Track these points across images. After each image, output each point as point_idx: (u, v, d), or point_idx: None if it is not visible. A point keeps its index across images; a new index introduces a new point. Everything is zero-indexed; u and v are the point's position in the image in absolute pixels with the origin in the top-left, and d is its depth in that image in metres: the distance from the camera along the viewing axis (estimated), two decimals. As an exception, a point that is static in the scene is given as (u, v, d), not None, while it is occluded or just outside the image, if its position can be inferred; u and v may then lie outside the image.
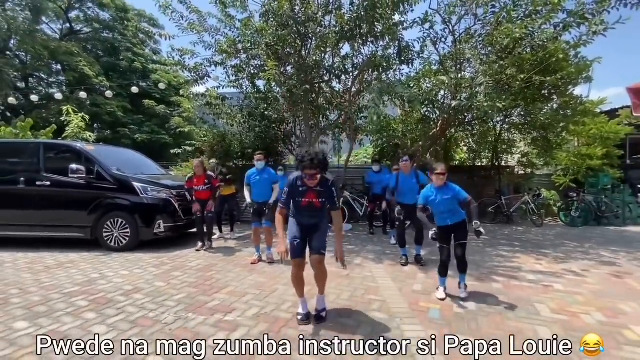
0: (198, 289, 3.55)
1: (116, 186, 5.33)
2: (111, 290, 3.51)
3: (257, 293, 3.45)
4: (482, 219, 8.75)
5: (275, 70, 6.43)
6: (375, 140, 9.79)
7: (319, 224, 2.82)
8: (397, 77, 7.71)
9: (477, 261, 4.81)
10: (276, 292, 3.51)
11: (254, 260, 4.59)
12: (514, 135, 9.69)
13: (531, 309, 3.14)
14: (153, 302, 3.20)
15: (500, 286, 3.76)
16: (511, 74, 6.24)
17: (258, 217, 4.68)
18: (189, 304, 3.16)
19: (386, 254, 5.16)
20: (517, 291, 3.60)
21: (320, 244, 2.77)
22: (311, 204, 2.73)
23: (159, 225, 5.36)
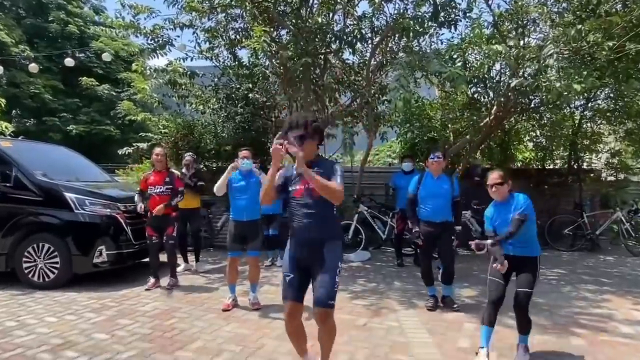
0: (154, 344, 3.55)
1: (42, 198, 5.38)
2: (33, 344, 3.51)
3: (237, 350, 3.45)
4: (556, 243, 8.74)
5: (265, 36, 6.49)
6: (402, 133, 9.82)
7: (323, 246, 2.70)
8: (434, 45, 7.75)
9: (550, 305, 4.77)
10: (263, 348, 3.50)
11: (226, 305, 4.54)
12: (600, 127, 9.65)
13: (627, 375, 3.10)
14: (91, 362, 3.20)
15: (583, 342, 3.71)
16: (595, 40, 6.23)
17: (238, 243, 4.64)
18: (142, 365, 3.16)
19: (421, 294, 5.13)
20: (607, 349, 3.56)
21: (327, 291, 2.65)
22: (308, 193, 2.68)
23: (100, 252, 5.38)
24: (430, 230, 4.54)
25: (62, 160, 6.55)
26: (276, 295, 5.05)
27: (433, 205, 4.54)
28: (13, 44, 18.99)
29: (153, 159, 5.56)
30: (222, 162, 8.92)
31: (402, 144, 10.44)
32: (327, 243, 2.72)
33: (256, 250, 4.68)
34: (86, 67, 20.19)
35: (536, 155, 10.38)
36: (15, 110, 19.47)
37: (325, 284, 2.66)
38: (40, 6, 21.27)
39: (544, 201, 9.26)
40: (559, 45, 6.32)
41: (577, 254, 8.37)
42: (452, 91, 8.60)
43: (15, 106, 19.04)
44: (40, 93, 19.23)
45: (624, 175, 9.84)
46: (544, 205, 9.18)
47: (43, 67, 17.88)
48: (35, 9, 21.36)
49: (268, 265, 6.91)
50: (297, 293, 2.76)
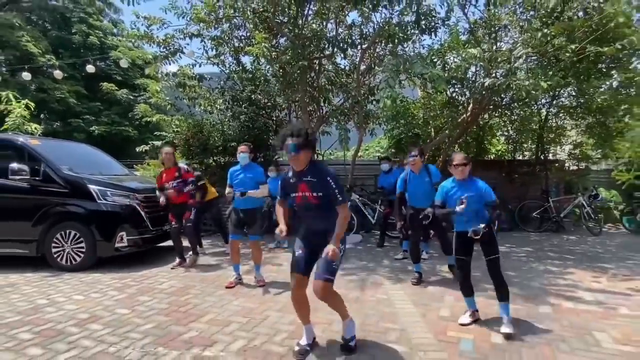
0: (170, 317, 3.53)
1: (68, 190, 5.33)
2: (62, 319, 3.49)
3: (244, 321, 3.44)
4: (525, 225, 8.78)
5: (265, 43, 6.43)
6: (389, 130, 9.80)
7: (326, 235, 2.71)
8: (417, 50, 7.70)
9: (521, 279, 4.79)
10: (267, 319, 3.49)
11: (229, 283, 4.54)
12: (563, 122, 9.67)
13: (589, 338, 3.11)
14: (114, 333, 3.19)
15: (550, 310, 3.73)
16: (559, 44, 6.20)
17: (239, 227, 4.62)
18: (159, 335, 3.15)
19: (407, 271, 5.14)
20: (571, 316, 3.57)
21: (325, 267, 2.70)
22: (305, 199, 2.74)
23: (121, 238, 5.36)
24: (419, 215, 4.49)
25: (85, 157, 6.48)
26: (278, 274, 5.06)
27: (420, 195, 4.61)
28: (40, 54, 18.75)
29: (163, 157, 5.52)
30: (228, 157, 8.87)
31: (389, 140, 10.43)
32: (330, 232, 2.72)
33: (256, 234, 4.65)
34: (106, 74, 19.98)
35: (507, 147, 10.41)
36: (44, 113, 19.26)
37: (325, 262, 2.72)
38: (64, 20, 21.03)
39: (514, 188, 9.30)
40: (527, 48, 6.29)
41: (544, 235, 8.41)
42: (433, 91, 8.58)
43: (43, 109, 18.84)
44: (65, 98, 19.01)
45: (585, 165, 9.87)
46: (514, 192, 9.23)
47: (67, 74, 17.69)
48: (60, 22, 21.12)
49: (272, 248, 6.90)
50: (304, 267, 2.83)
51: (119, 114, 20.02)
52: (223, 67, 8.47)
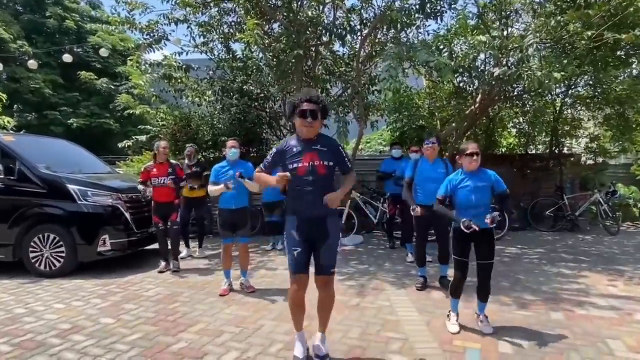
0: (158, 327, 3.58)
1: (45, 190, 5.36)
2: (42, 330, 3.53)
3: (237, 331, 3.49)
4: (538, 224, 8.85)
5: (257, 30, 6.43)
6: (392, 122, 9.82)
7: (326, 222, 2.79)
8: (421, 36, 7.71)
9: (532, 283, 4.86)
10: (261, 329, 3.54)
11: (223, 290, 4.57)
12: (579, 113, 9.72)
13: (602, 346, 3.18)
14: (98, 345, 3.23)
15: (561, 316, 3.79)
16: (574, 30, 6.23)
17: (230, 230, 4.64)
18: (147, 347, 3.20)
19: (410, 275, 5.19)
20: (584, 323, 3.63)
21: (329, 260, 2.84)
22: (313, 169, 2.70)
23: (103, 241, 5.39)
24: (428, 213, 4.47)
25: (64, 153, 6.50)
26: (273, 279, 5.11)
27: (429, 189, 4.45)
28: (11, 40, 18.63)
29: (160, 151, 5.55)
30: (218, 152, 8.89)
31: (391, 132, 10.46)
32: (329, 218, 2.82)
33: (246, 236, 4.68)
34: (84, 62, 19.90)
35: (519, 141, 10.45)
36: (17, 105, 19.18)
37: (328, 254, 2.82)
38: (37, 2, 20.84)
39: (526, 185, 9.36)
40: (540, 35, 6.33)
41: (557, 234, 8.48)
42: (439, 81, 8.58)
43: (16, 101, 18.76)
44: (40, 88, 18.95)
45: (602, 159, 9.95)
46: (526, 188, 9.30)
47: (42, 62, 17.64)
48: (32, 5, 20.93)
49: (268, 250, 6.96)
50: (304, 266, 2.84)
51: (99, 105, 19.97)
52: (212, 55, 8.46)
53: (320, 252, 2.84)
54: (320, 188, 2.71)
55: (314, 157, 2.72)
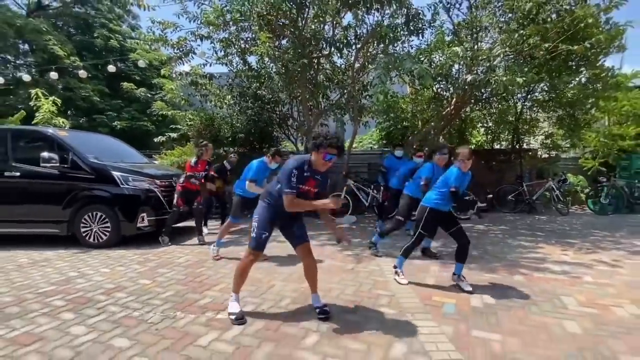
0: (187, 287, 3.56)
1: (93, 176, 5.31)
2: (91, 289, 3.51)
3: (253, 289, 3.46)
4: (502, 207, 8.80)
5: (269, 43, 6.34)
6: (381, 122, 9.74)
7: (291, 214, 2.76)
8: (406, 49, 7.60)
9: (496, 252, 4.82)
10: (273, 288, 3.51)
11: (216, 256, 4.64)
12: (537, 114, 9.62)
13: (557, 302, 3.15)
14: (137, 300, 3.21)
15: (523, 278, 3.76)
16: (534, 43, 6.13)
17: (242, 213, 4.67)
18: (177, 302, 3.17)
19: (396, 247, 5.15)
20: (542, 283, 3.61)
21: (303, 231, 2.86)
22: (307, 193, 2.71)
23: (142, 218, 5.36)
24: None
25: (109, 147, 6.43)
26: (282, 250, 5.06)
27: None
28: (66, 56, 18.51)
29: (207, 152, 5.57)
30: (237, 147, 8.83)
31: (380, 132, 10.38)
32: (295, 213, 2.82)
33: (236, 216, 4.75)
34: (126, 75, 19.79)
35: (487, 138, 10.36)
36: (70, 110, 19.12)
37: (302, 230, 2.85)
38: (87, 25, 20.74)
39: (492, 174, 9.29)
40: (505, 47, 6.23)
41: (518, 215, 8.44)
42: (421, 87, 8.48)
43: (70, 107, 18.70)
44: (89, 96, 18.85)
45: (556, 153, 9.85)
46: (492, 177, 9.22)
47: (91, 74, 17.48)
48: (83, 27, 20.83)
49: None
50: (264, 247, 2.83)
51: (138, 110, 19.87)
52: (231, 66, 8.34)
53: (293, 229, 2.83)
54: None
55: (313, 184, 2.70)
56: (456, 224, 3.47)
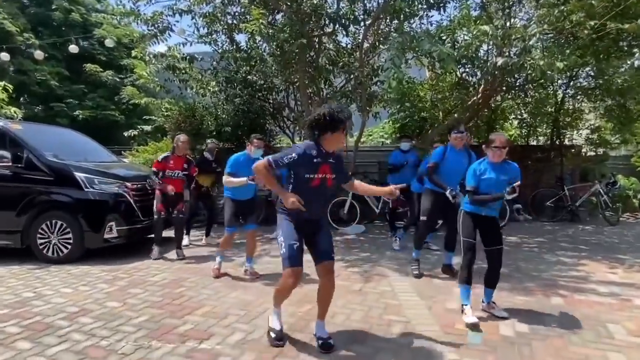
0: (164, 310, 3.60)
1: (52, 178, 5.36)
2: (50, 313, 3.55)
3: (242, 314, 3.50)
4: (539, 215, 8.84)
5: (262, 20, 6.38)
6: (394, 113, 9.78)
7: (321, 220, 2.96)
8: (424, 26, 7.65)
9: (531, 270, 4.86)
10: (266, 312, 3.53)
11: (215, 270, 4.67)
12: (581, 104, 9.65)
13: (602, 330, 3.18)
14: (105, 327, 3.25)
15: (562, 301, 3.80)
16: (577, 20, 6.15)
17: (236, 219, 4.67)
18: (153, 329, 3.21)
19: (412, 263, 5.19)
20: (584, 308, 3.64)
21: (330, 247, 2.92)
22: (324, 182, 2.81)
23: (110, 228, 5.40)
24: (440, 202, 4.54)
25: (70, 142, 6.49)
26: (277, 266, 5.06)
27: (449, 179, 4.44)
28: (18, 33, 18.58)
29: (179, 146, 5.64)
30: (222, 143, 8.89)
31: (393, 124, 10.42)
32: (322, 218, 3.02)
33: (253, 223, 4.72)
34: (90, 54, 19.85)
35: (521, 132, 10.40)
36: (23, 96, 19.21)
37: (327, 243, 2.91)
38: (43, -5, 20.73)
39: (527, 175, 9.30)
40: (543, 25, 6.25)
41: (558, 225, 8.47)
42: (442, 71, 8.53)
43: (23, 93, 18.79)
44: (46, 80, 18.92)
45: (603, 150, 9.90)
46: (527, 179, 9.23)
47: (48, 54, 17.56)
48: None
49: (273, 238, 6.96)
50: (301, 259, 2.84)
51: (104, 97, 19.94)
52: (215, 46, 8.42)
53: (317, 240, 2.90)
54: (325, 198, 2.96)
55: (327, 170, 2.80)
56: (495, 242, 3.42)
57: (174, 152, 5.66)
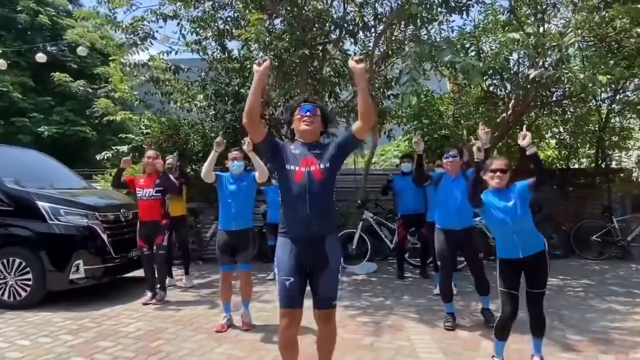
0: (138, 369, 3.56)
1: (11, 208, 5.41)
2: (4, 370, 3.53)
3: (231, 374, 3.46)
4: (583, 251, 8.75)
5: (260, 25, 6.51)
6: (410, 130, 9.85)
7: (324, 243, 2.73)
8: (444, 33, 7.79)
9: (577, 320, 4.78)
10: (260, 372, 3.51)
11: (220, 326, 4.53)
12: (629, 122, 9.69)
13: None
14: (69, 389, 3.22)
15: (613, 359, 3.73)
16: (622, 27, 6.27)
17: (228, 255, 4.64)
18: (125, 391, 3.17)
19: (433, 310, 5.14)
20: (641, 369, 3.57)
21: (330, 291, 2.77)
22: (310, 175, 2.70)
23: (76, 267, 5.39)
24: (451, 239, 4.53)
25: (34, 166, 6.57)
26: (272, 314, 5.05)
27: (451, 209, 4.50)
28: (-24, 37, 18.96)
29: (145, 162, 5.65)
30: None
31: (409, 143, 10.46)
32: (328, 238, 2.76)
33: (247, 263, 4.68)
34: (59, 62, 20.07)
35: (559, 153, 10.41)
36: (-20, 110, 19.44)
37: (328, 284, 2.76)
38: (7, -6, 21.24)
39: (569, 205, 9.30)
40: (582, 32, 6.36)
41: (606, 263, 8.37)
42: (466, 84, 8.63)
43: (-20, 106, 19.02)
44: (8, 91, 19.12)
45: (659, 175, 9.88)
46: (569, 209, 9.23)
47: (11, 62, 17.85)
48: (1, -3, 21.32)
49: (267, 279, 6.92)
50: (297, 298, 2.73)
51: (74, 111, 20.14)
52: (204, 54, 8.58)
53: (318, 281, 2.76)
54: (318, 199, 2.68)
55: (312, 161, 2.73)
56: (537, 284, 3.35)
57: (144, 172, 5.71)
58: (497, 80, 8.27)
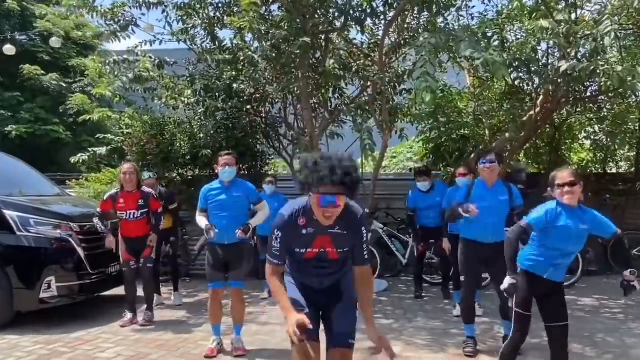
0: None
1: (-25, 217, 5.43)
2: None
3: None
4: (621, 268, 8.69)
5: (255, 12, 6.53)
6: (425, 130, 9.85)
7: (338, 284, 2.74)
8: (463, 21, 7.80)
9: (614, 344, 4.78)
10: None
11: (210, 350, 4.54)
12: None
13: None
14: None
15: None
16: (664, 13, 6.29)
17: (220, 271, 4.64)
18: None
19: (451, 334, 5.13)
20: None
21: (346, 327, 2.66)
22: (323, 256, 2.64)
23: (48, 285, 5.40)
24: (480, 253, 4.47)
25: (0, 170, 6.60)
26: (269, 338, 5.07)
27: (484, 222, 4.37)
28: (-62, 26, 19.10)
29: (121, 178, 5.57)
30: (198, 170, 8.96)
31: (423, 144, 10.46)
32: (343, 279, 2.77)
33: (240, 280, 4.69)
34: (29, 53, 20.19)
35: (595, 156, 10.37)
36: (-60, 108, 19.54)
37: (345, 318, 2.68)
38: (-29, -23, 21.40)
39: (605, 214, 9.21)
40: (620, 19, 6.37)
41: (649, 281, 8.33)
42: (488, 77, 8.63)
43: (-60, 103, 19.12)
44: (-29, 86, 19.27)
45: None
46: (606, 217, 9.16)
47: (-26, 52, 17.94)
48: (-35, -20, 21.49)
49: (265, 298, 6.93)
50: (316, 331, 2.64)
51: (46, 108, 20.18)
52: (193, 45, 8.60)
53: (332, 316, 2.71)
54: (334, 271, 2.72)
55: (327, 242, 2.59)
56: (558, 316, 3.32)
57: (123, 189, 5.57)
58: (524, 74, 8.25)
